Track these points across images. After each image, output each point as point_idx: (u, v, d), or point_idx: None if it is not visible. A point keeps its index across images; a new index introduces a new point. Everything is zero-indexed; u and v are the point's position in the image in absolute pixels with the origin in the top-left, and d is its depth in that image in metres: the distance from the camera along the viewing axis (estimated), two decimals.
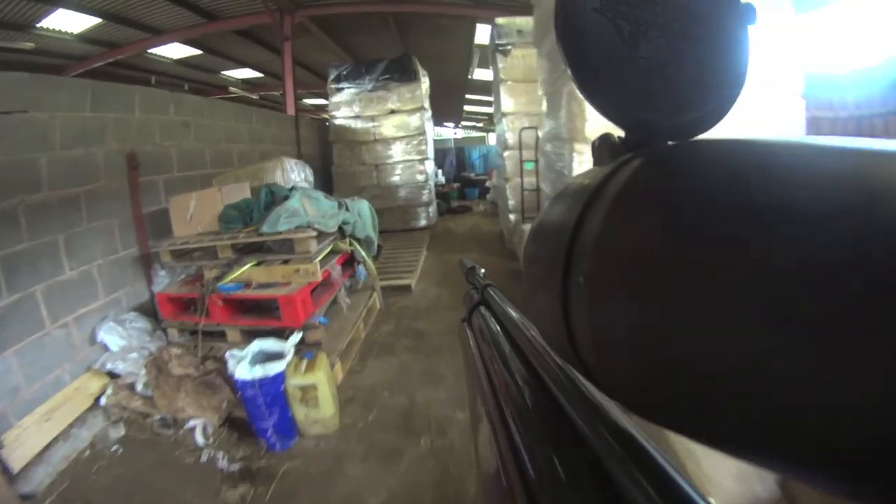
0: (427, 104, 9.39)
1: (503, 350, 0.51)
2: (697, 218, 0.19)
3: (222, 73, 12.72)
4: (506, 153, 7.17)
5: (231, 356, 3.04)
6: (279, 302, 3.54)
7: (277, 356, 3.03)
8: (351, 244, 4.40)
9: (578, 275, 0.25)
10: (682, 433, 0.20)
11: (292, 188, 4.44)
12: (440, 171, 14.59)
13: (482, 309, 0.70)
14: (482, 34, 9.54)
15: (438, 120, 21.61)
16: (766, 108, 2.94)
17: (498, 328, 0.59)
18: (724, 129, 0.29)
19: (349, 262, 4.63)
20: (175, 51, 10.15)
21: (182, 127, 5.18)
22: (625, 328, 0.22)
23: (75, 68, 9.25)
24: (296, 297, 3.53)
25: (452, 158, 17.89)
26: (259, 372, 2.83)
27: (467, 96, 17.31)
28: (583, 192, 0.27)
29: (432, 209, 9.56)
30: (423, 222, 9.20)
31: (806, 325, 0.14)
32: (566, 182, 0.35)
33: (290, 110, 8.82)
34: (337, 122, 9.15)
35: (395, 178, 9.08)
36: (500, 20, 7.22)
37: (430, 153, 9.50)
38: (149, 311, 4.25)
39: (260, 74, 13.12)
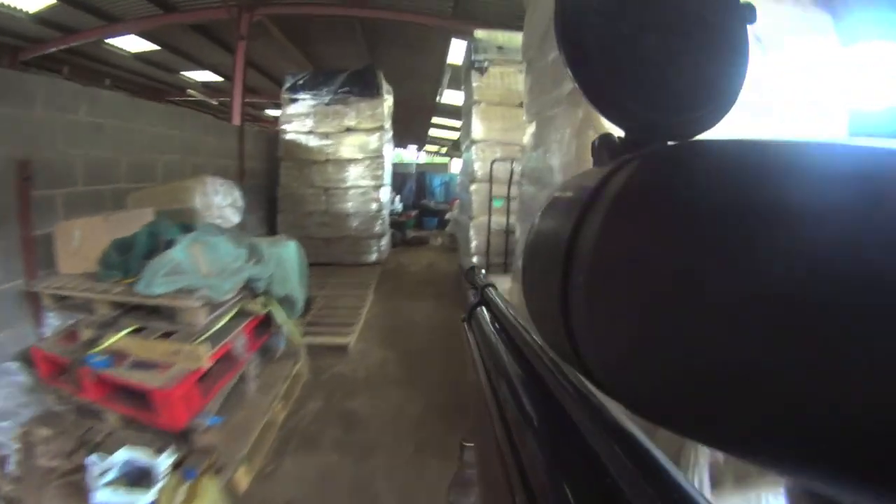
0: (388, 124, 8.65)
1: (502, 349, 0.51)
2: (697, 218, 0.19)
3: (182, 73, 11.88)
4: (472, 186, 6.36)
5: (93, 464, 2.23)
6: (153, 395, 2.51)
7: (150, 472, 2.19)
8: (266, 304, 3.27)
9: (579, 275, 0.25)
10: (683, 433, 0.20)
11: (184, 229, 3.32)
12: (398, 198, 13.84)
13: (482, 309, 0.70)
14: (457, 52, 8.95)
15: (401, 141, 20.99)
16: None
17: (497, 328, 0.59)
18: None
19: (267, 321, 3.52)
20: (133, 44, 9.57)
21: (93, 130, 4.24)
22: (625, 329, 0.22)
23: (30, 51, 8.81)
24: (174, 391, 2.50)
25: (413, 184, 17.14)
26: (123, 497, 2.07)
27: (434, 119, 16.57)
28: (583, 193, 0.27)
29: (385, 242, 8.74)
30: (373, 256, 8.33)
31: (808, 327, 0.14)
32: (565, 182, 0.35)
33: (236, 119, 7.82)
34: (288, 136, 8.28)
35: (347, 206, 8.19)
36: (479, 33, 6.59)
37: (387, 179, 8.74)
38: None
39: (220, 78, 12.22)
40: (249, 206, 7.00)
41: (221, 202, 4.64)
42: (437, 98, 12.93)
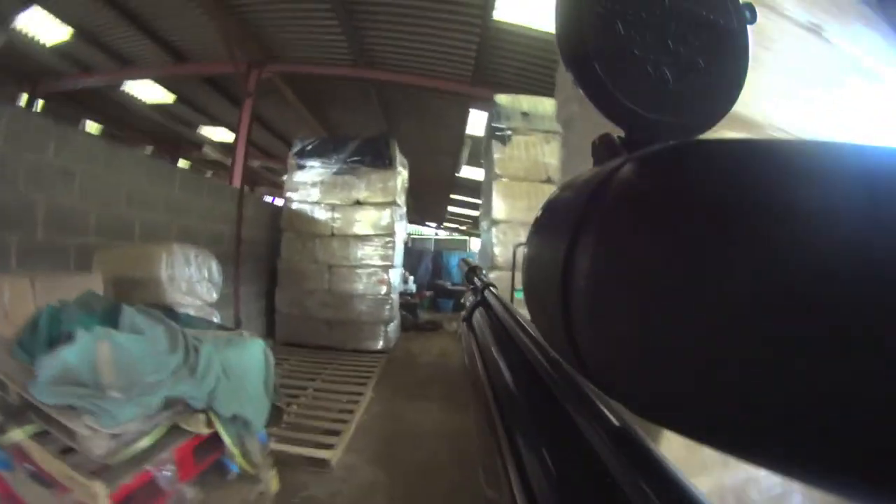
0: (402, 199, 7.98)
1: (502, 349, 0.52)
2: (697, 217, 0.19)
3: (200, 127, 11.74)
4: (491, 275, 5.46)
5: None
6: None
7: None
8: (211, 423, 2.42)
9: (579, 275, 0.25)
10: (682, 433, 0.20)
11: (106, 313, 2.41)
12: (412, 278, 13.27)
13: (482, 309, 0.72)
14: (476, 123, 8.49)
15: (420, 218, 20.91)
16: None
17: (498, 328, 0.60)
18: None
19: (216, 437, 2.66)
20: (149, 91, 9.57)
21: (61, 174, 3.74)
22: (625, 329, 0.22)
23: (49, 85, 8.82)
24: None
25: (429, 263, 16.65)
26: None
27: (453, 196, 16.01)
28: (583, 193, 0.28)
29: (393, 327, 7.81)
30: (379, 343, 7.41)
31: (807, 326, 0.15)
32: (566, 182, 0.35)
33: (237, 180, 7.23)
34: (293, 205, 7.61)
35: (351, 286, 7.37)
36: (500, 98, 5.99)
37: (398, 259, 7.94)
38: None
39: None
40: (246, 278, 6.81)
41: (193, 275, 3.84)
42: (456, 172, 12.42)
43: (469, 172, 12.05)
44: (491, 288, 0.73)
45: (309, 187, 7.55)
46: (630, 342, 0.22)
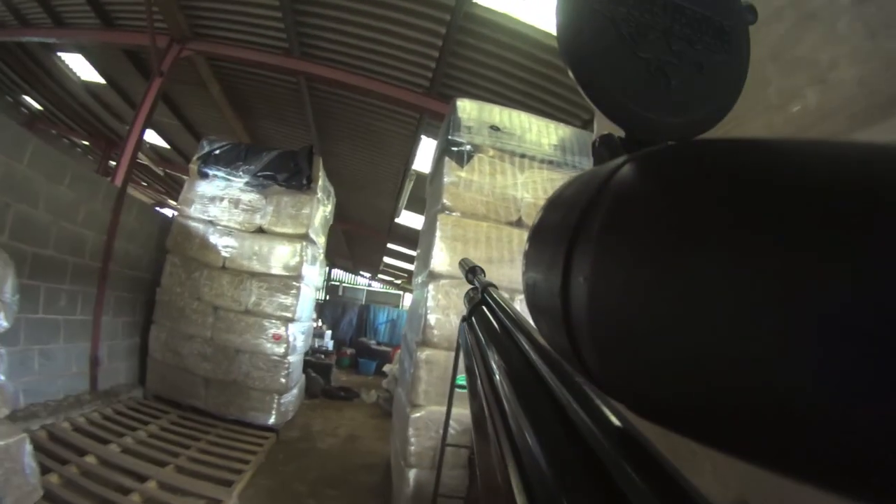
0: (319, 236, 6.48)
1: (503, 349, 0.51)
2: (697, 217, 0.19)
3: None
4: (422, 353, 3.96)
5: None
6: None
7: None
8: None
9: (579, 275, 0.26)
10: (684, 434, 0.20)
11: None
12: (329, 333, 11.80)
13: (482, 309, 0.71)
14: (425, 155, 7.10)
15: (354, 266, 19.95)
16: None
17: (498, 328, 0.59)
18: None
19: None
20: (82, 67, 8.51)
21: None
22: (625, 328, 0.22)
23: None
24: None
25: (354, 317, 15.31)
26: None
27: (389, 245, 14.51)
28: (583, 192, 0.28)
29: (290, 398, 6.05)
30: (270, 417, 5.66)
31: (809, 326, 0.14)
32: (566, 182, 0.35)
33: (119, 178, 5.55)
34: (184, 222, 5.95)
35: (238, 339, 5.64)
36: (464, 103, 4.61)
37: (305, 311, 6.24)
38: None
39: (166, 145, 10.69)
40: (116, 306, 5.50)
41: None
42: (395, 218, 10.94)
43: (408, 219, 10.62)
44: (490, 288, 0.73)
45: (207, 202, 5.93)
46: (630, 342, 0.22)
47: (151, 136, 10.38)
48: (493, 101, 4.97)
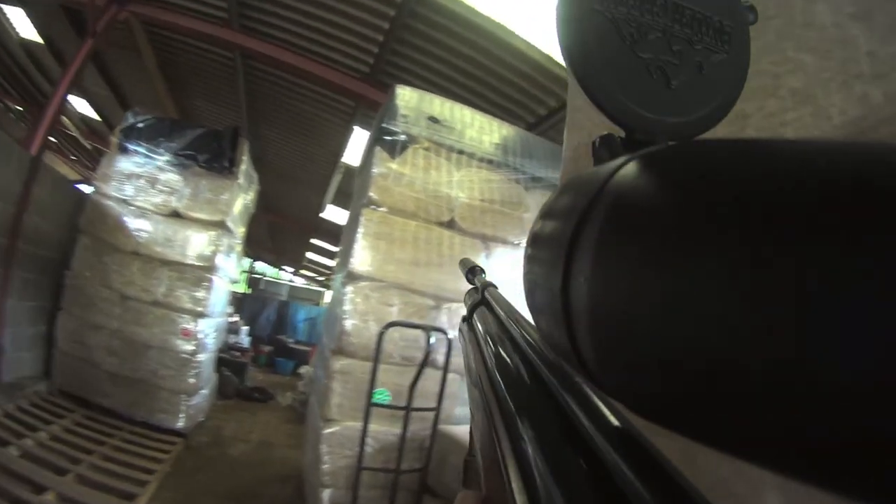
0: (238, 226, 6.07)
1: (503, 350, 0.50)
2: (698, 218, 0.20)
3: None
4: (336, 362, 3.73)
5: None
6: None
7: None
8: None
9: (580, 275, 0.26)
10: (686, 434, 0.21)
11: None
12: (246, 329, 11.31)
13: (482, 309, 0.71)
14: (356, 147, 6.72)
15: (277, 260, 19.49)
16: None
17: (498, 328, 0.58)
18: None
19: None
20: (21, 22, 7.68)
21: None
22: (626, 329, 0.23)
23: None
24: None
25: (273, 313, 14.69)
26: None
27: (312, 240, 14.05)
28: (583, 192, 0.28)
29: (200, 400, 5.61)
30: (178, 420, 5.22)
31: (818, 327, 0.15)
32: (566, 182, 0.35)
33: (35, 145, 5.06)
34: (100, 199, 5.41)
35: (146, 332, 5.17)
36: (403, 91, 4.31)
37: (217, 305, 5.80)
38: None
39: (98, 118, 9.88)
40: (23, 289, 5.02)
41: None
42: (320, 212, 10.60)
43: (334, 214, 10.29)
44: (491, 288, 0.72)
45: (124, 179, 5.40)
46: (630, 342, 0.22)
47: (84, 108, 9.70)
48: (436, 93, 4.70)
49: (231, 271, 6.20)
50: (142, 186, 5.40)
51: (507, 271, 4.32)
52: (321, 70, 5.77)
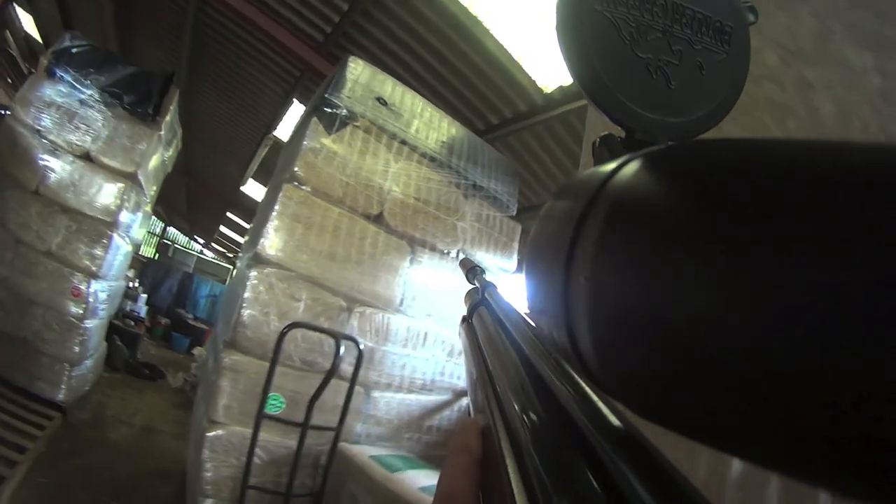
0: (151, 183, 5.62)
1: (503, 350, 0.52)
2: (698, 218, 0.20)
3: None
4: (226, 357, 3.41)
5: None
6: None
7: None
8: None
9: (580, 276, 0.26)
10: (687, 435, 0.21)
11: None
12: (144, 297, 10.60)
13: (482, 309, 0.72)
14: (290, 122, 6.42)
15: (189, 228, 18.85)
16: None
17: (498, 328, 0.60)
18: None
19: None
20: None
21: None
22: (625, 329, 0.23)
23: None
24: None
25: (175, 284, 13.93)
26: None
27: (229, 213, 13.45)
28: (583, 192, 0.29)
29: (84, 371, 5.13)
30: (58, 391, 4.73)
31: (811, 326, 0.15)
32: (566, 181, 0.36)
33: None
34: (14, 125, 4.82)
35: (35, 285, 4.66)
36: (356, 63, 3.99)
37: (115, 268, 5.30)
38: None
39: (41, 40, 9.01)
40: None
41: None
42: (241, 185, 10.14)
43: (254, 189, 9.93)
44: (491, 288, 0.74)
45: (43, 107, 4.83)
46: (630, 342, 0.23)
47: (29, 25, 8.89)
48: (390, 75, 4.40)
49: (135, 232, 5.74)
50: (59, 119, 4.85)
51: (431, 280, 4.08)
52: (274, 28, 5.34)
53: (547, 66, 4.14)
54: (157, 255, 17.49)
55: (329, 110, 3.72)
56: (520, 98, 4.68)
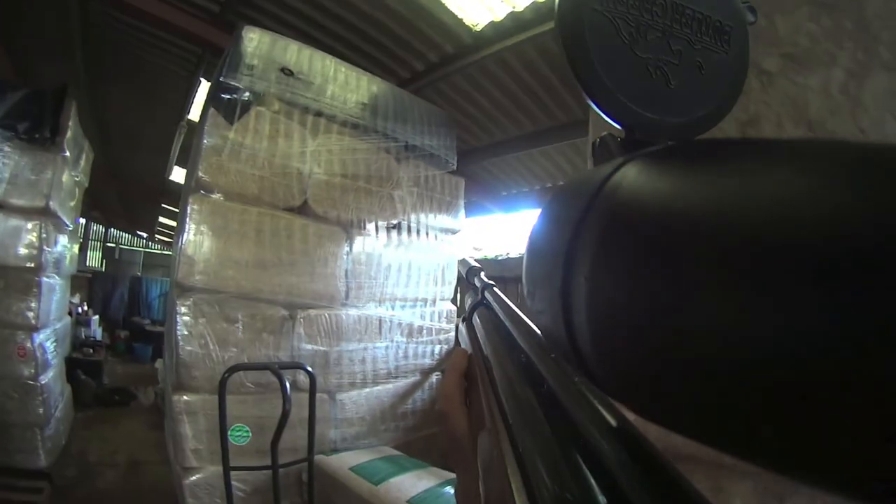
0: (68, 207, 5.15)
1: (503, 350, 0.52)
2: (698, 217, 0.20)
3: None
4: (182, 399, 3.31)
5: None
6: None
7: None
8: None
9: (580, 276, 0.27)
10: (683, 433, 0.21)
11: None
12: (95, 318, 10.21)
13: (482, 309, 0.73)
14: (200, 105, 5.85)
15: (130, 226, 17.70)
16: None
17: (498, 328, 0.60)
18: None
19: None
20: None
21: None
22: (626, 328, 0.24)
23: None
24: None
25: (125, 292, 13.53)
26: None
27: (164, 204, 12.97)
28: (583, 192, 0.29)
29: (54, 428, 4.80)
30: (39, 458, 4.45)
31: (811, 326, 0.15)
32: (566, 181, 0.39)
33: None
34: None
35: None
36: (251, 34, 3.54)
37: (54, 310, 4.88)
38: None
39: None
40: None
41: None
42: (168, 175, 9.66)
43: (182, 176, 9.33)
44: (490, 288, 0.73)
45: None
46: (630, 342, 0.23)
47: None
48: (294, 37, 3.94)
49: (64, 264, 5.38)
50: None
51: (375, 263, 3.86)
52: (161, 8, 4.73)
53: (474, 2, 3.72)
54: (104, 262, 17.09)
55: (227, 96, 3.34)
56: (446, 39, 4.28)
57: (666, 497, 0.22)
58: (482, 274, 0.88)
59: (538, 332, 0.42)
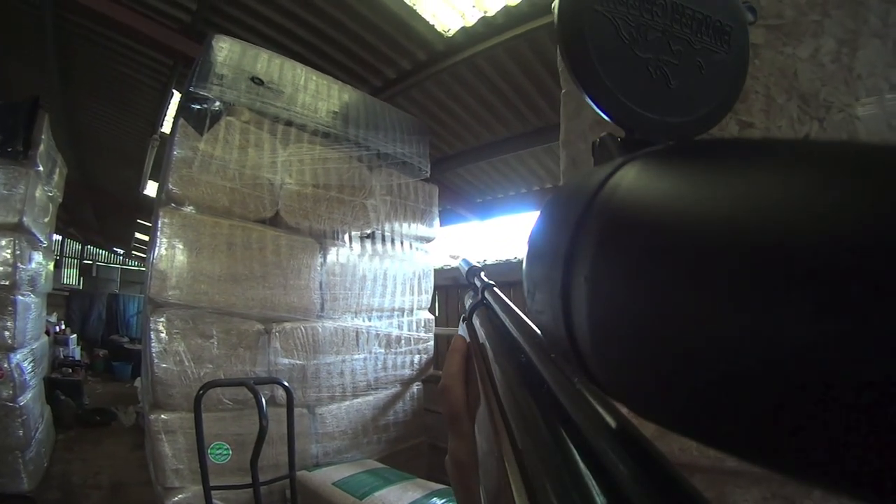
0: (42, 223, 5.14)
1: (503, 350, 0.52)
2: (698, 217, 0.20)
3: None
4: (159, 419, 3.21)
5: None
6: None
7: None
8: None
9: (580, 275, 0.27)
10: (683, 433, 0.22)
11: None
12: (73, 338, 10.24)
13: (482, 309, 0.73)
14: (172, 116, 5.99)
15: (107, 243, 17.97)
16: None
17: (498, 328, 0.60)
18: None
19: None
20: None
21: None
22: (626, 329, 0.24)
23: None
24: None
25: (102, 310, 13.51)
26: None
27: (139, 220, 12.91)
28: (583, 192, 0.29)
29: (35, 451, 4.80)
30: (22, 482, 4.44)
31: (811, 326, 0.15)
32: (566, 181, 0.46)
33: None
34: None
35: None
36: (221, 42, 3.58)
37: (30, 329, 4.85)
38: None
39: None
40: None
41: None
42: (142, 189, 9.62)
43: (154, 190, 9.32)
44: (490, 289, 0.74)
45: None
46: (631, 343, 0.23)
47: None
48: (265, 46, 4.09)
49: (40, 281, 5.35)
50: None
51: (349, 273, 3.90)
52: (132, 18, 4.73)
53: (446, 8, 3.80)
54: (81, 279, 17.13)
55: (197, 107, 3.39)
56: (418, 46, 4.47)
57: (666, 497, 0.23)
58: (482, 274, 0.90)
59: (538, 332, 0.43)
